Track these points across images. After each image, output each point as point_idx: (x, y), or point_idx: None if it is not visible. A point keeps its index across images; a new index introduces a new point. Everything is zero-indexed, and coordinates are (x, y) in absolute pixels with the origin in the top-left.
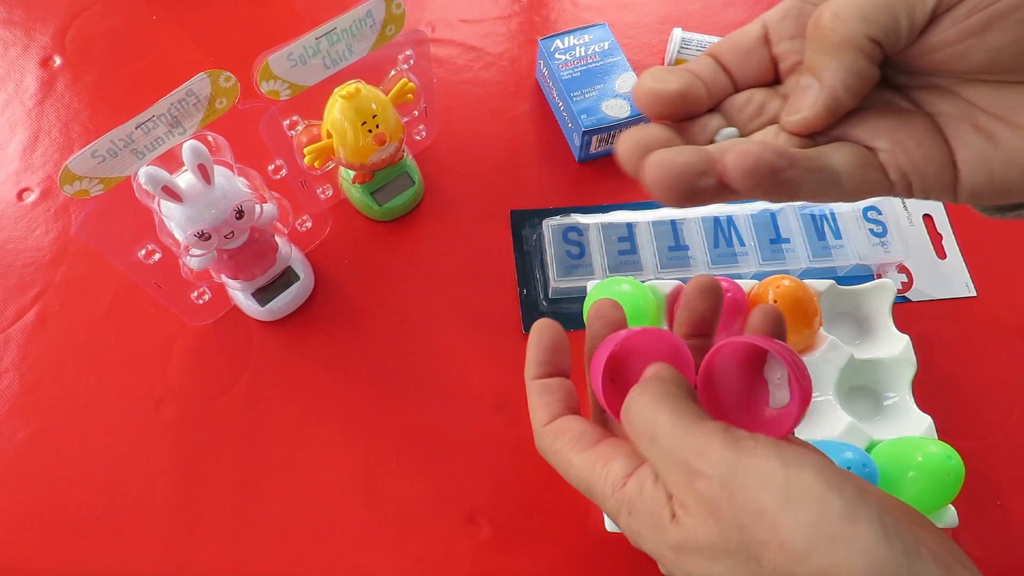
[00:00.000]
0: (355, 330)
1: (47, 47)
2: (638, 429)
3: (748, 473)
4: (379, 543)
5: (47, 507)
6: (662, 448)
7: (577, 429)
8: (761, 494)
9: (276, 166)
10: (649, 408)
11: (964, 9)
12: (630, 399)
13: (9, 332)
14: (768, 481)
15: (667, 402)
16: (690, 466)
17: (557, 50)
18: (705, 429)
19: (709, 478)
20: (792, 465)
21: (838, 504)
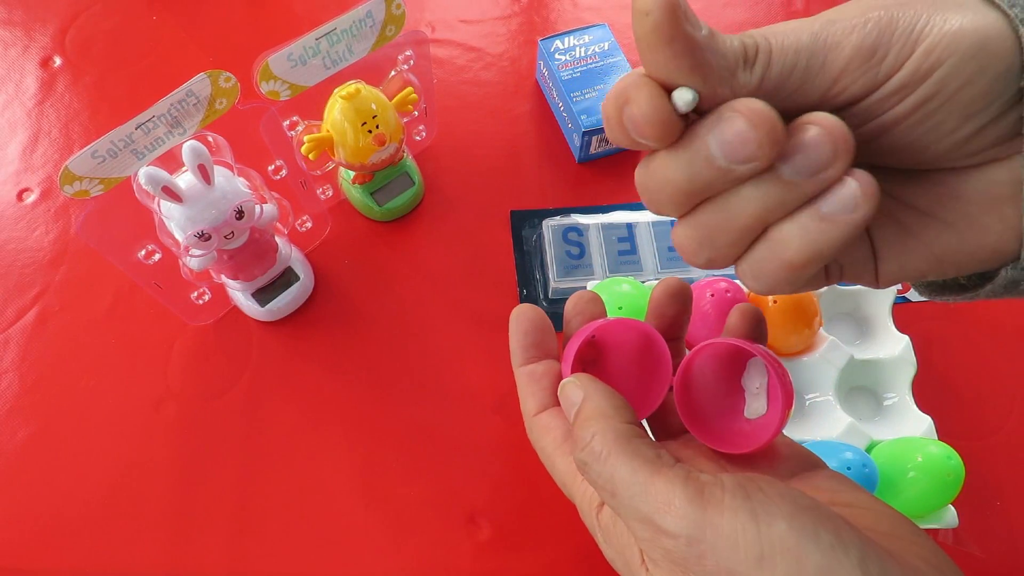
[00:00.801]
0: (355, 330)
1: (47, 47)
2: (597, 484)
3: (716, 531)
4: (379, 543)
5: (47, 507)
6: (623, 503)
7: (563, 428)
8: (731, 554)
9: (276, 166)
10: (602, 462)
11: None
12: (581, 455)
13: (9, 332)
14: (738, 539)
15: (619, 449)
16: (654, 523)
17: (557, 50)
18: (665, 480)
19: (675, 537)
20: (762, 517)
21: (815, 557)
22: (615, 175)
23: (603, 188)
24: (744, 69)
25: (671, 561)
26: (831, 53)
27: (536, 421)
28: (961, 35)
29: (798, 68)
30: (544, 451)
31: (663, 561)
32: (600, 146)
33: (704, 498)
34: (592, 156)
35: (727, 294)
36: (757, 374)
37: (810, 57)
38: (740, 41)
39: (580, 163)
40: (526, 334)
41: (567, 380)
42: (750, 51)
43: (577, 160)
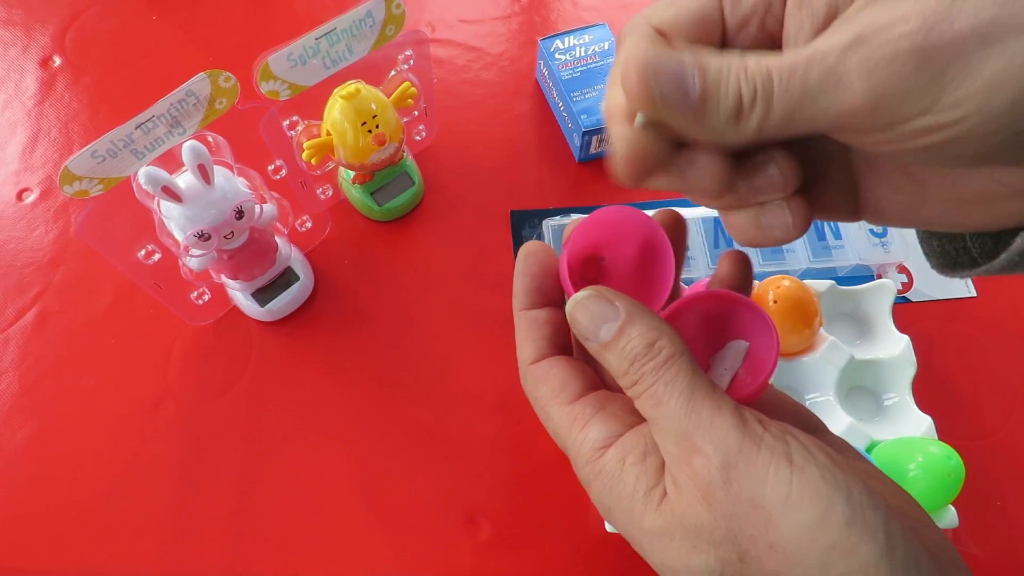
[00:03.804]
0: (355, 330)
1: (47, 47)
2: (646, 391)
3: (750, 461)
4: (379, 543)
5: (47, 507)
6: (666, 415)
7: (560, 377)
8: (760, 486)
9: (276, 166)
10: (663, 369)
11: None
12: (643, 362)
13: (9, 332)
14: (770, 474)
15: (682, 362)
16: (691, 440)
17: (557, 50)
18: (715, 403)
19: (708, 458)
20: (797, 461)
21: (842, 509)
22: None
23: (603, 188)
24: (737, 122)
25: (697, 485)
26: (843, 96)
27: (532, 369)
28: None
29: (802, 113)
30: (539, 400)
31: (688, 485)
32: (600, 146)
33: (747, 428)
34: (592, 156)
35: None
36: (731, 357)
37: (817, 98)
38: (739, 88)
39: (580, 163)
40: (534, 277)
41: (588, 295)
42: (747, 100)
43: (577, 160)
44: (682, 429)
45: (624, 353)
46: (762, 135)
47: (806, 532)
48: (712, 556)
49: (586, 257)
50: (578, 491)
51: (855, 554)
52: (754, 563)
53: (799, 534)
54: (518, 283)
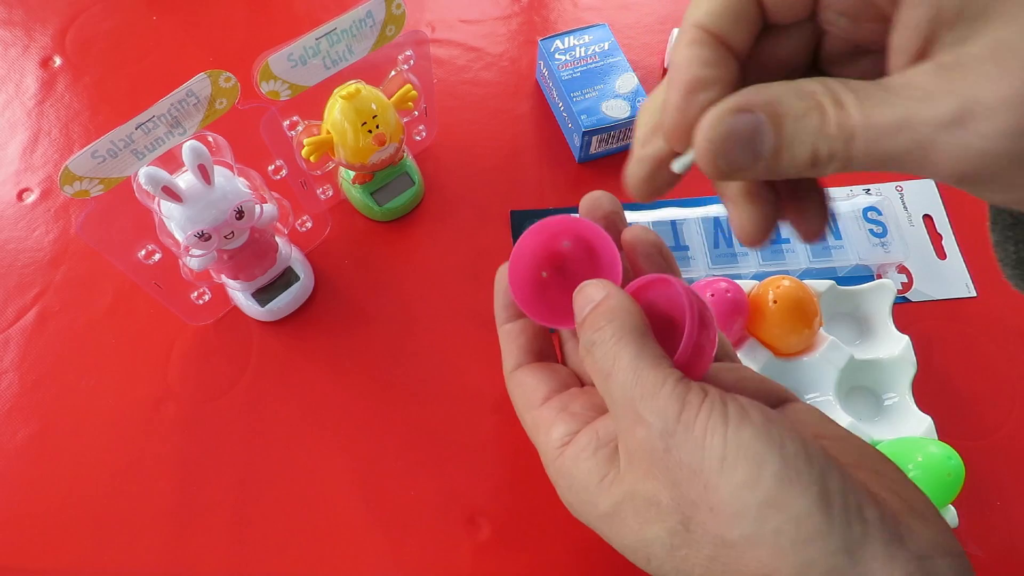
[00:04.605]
0: (355, 330)
1: (47, 47)
2: (597, 364)
3: (688, 427)
4: (379, 543)
5: (47, 507)
6: (614, 384)
7: (530, 383)
8: (697, 451)
9: (276, 166)
10: (610, 344)
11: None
12: (592, 336)
13: (9, 332)
14: (707, 439)
15: (631, 339)
16: (636, 410)
17: (557, 50)
18: (659, 373)
19: (649, 426)
20: (733, 422)
21: (774, 465)
22: (615, 175)
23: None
24: (804, 172)
25: (641, 455)
26: (927, 169)
27: (512, 377)
28: None
29: (878, 168)
30: (516, 405)
31: (638, 453)
32: (600, 146)
33: (687, 398)
34: (592, 156)
35: (727, 294)
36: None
37: (901, 163)
38: (814, 147)
39: (580, 163)
40: (507, 293)
41: (589, 282)
42: (823, 158)
43: (577, 160)
44: (627, 399)
45: (587, 327)
46: (828, 175)
47: (740, 491)
48: (660, 527)
49: (535, 264)
50: None
51: (787, 507)
52: (698, 529)
53: (734, 494)
54: (496, 301)
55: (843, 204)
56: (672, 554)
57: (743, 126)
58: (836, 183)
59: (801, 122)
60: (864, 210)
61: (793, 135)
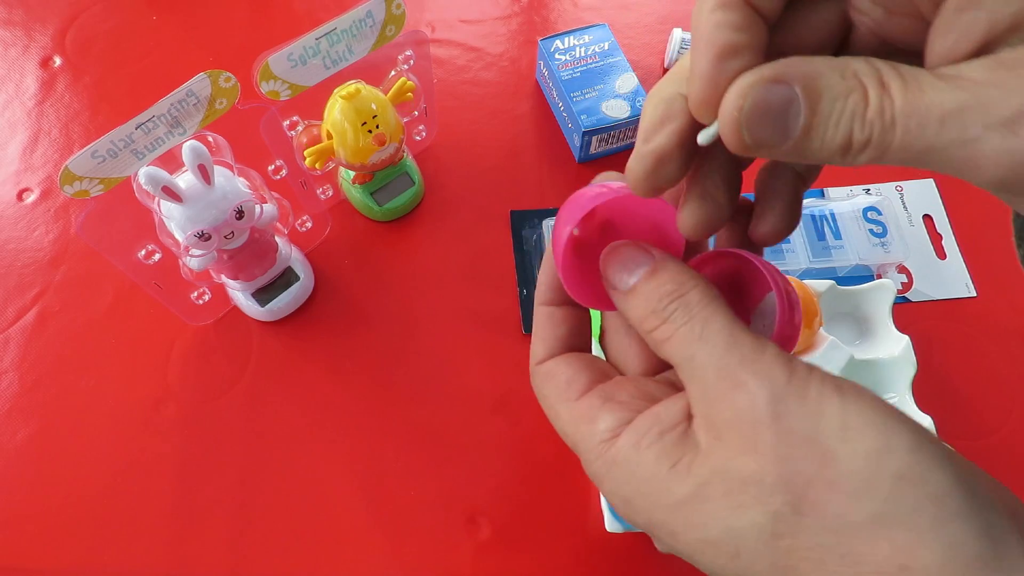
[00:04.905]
0: (355, 330)
1: (47, 47)
2: (678, 331)
3: (801, 394)
4: (379, 543)
5: (47, 507)
6: (705, 351)
7: (566, 374)
8: (813, 419)
9: (276, 166)
10: (699, 308)
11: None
12: (672, 302)
13: (9, 332)
14: (823, 406)
15: (720, 304)
16: (734, 375)
17: (557, 50)
18: (758, 340)
19: (753, 392)
20: (849, 391)
21: (907, 436)
22: None
23: None
24: (834, 159)
25: (739, 426)
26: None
27: (541, 368)
28: None
29: (912, 162)
30: (547, 400)
31: (735, 426)
32: (600, 146)
33: (793, 365)
34: (592, 156)
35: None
36: (771, 310)
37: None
38: (850, 130)
39: (580, 163)
40: (554, 272)
41: (624, 243)
42: (857, 144)
43: (577, 160)
44: (723, 365)
45: (654, 292)
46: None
47: (869, 461)
48: (760, 512)
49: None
50: (578, 491)
51: (926, 483)
52: (812, 512)
53: (861, 465)
54: (542, 276)
55: (843, 204)
56: (772, 544)
57: (776, 98)
58: (836, 183)
59: (839, 102)
60: (864, 210)
61: (828, 116)
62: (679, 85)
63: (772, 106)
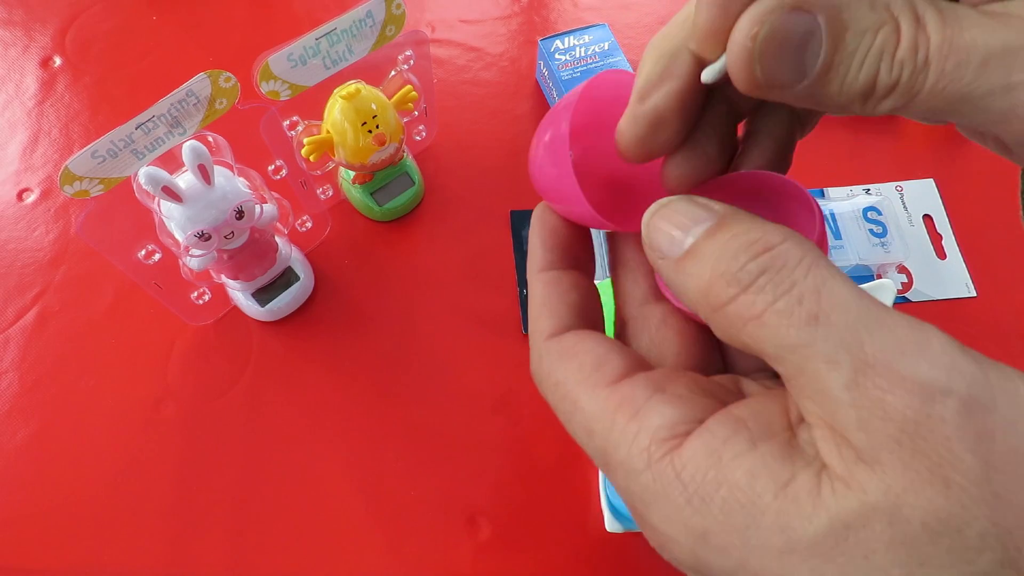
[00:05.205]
0: (355, 330)
1: (47, 47)
2: (782, 301)
3: (1014, 398)
4: (379, 543)
5: (47, 507)
6: (839, 329)
7: (595, 353)
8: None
9: (276, 166)
10: (802, 268)
11: None
12: (760, 261)
13: (9, 332)
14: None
15: (831, 266)
16: (891, 371)
17: (557, 50)
18: (911, 319)
19: (933, 397)
20: None
21: None
22: None
23: None
24: (853, 104)
25: (910, 447)
26: (1011, 123)
27: (552, 345)
28: None
29: (943, 114)
30: (562, 385)
31: (890, 450)
32: None
33: (977, 356)
34: None
35: None
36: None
37: (976, 109)
38: (875, 71)
39: None
40: (555, 232)
41: (673, 198)
42: (883, 87)
43: None
44: (864, 355)
45: (726, 248)
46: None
47: None
48: (957, 574)
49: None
50: (578, 491)
51: None
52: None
53: None
54: (536, 238)
55: (843, 204)
56: None
57: (796, 28)
58: (836, 183)
59: (867, 37)
60: (864, 210)
61: (853, 53)
62: (684, 36)
63: (791, 37)
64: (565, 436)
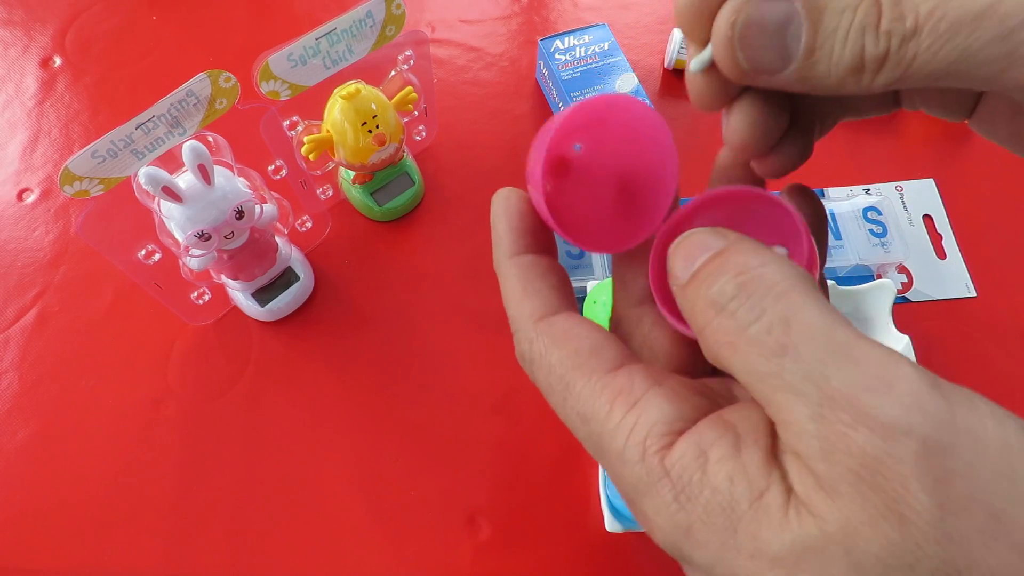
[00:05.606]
0: (355, 330)
1: (47, 47)
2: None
3: (976, 439)
4: (379, 543)
5: (47, 507)
6: (804, 361)
7: (591, 339)
8: (1001, 482)
9: (276, 166)
10: (778, 296)
11: None
12: (739, 278)
13: (9, 332)
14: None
15: (804, 288)
16: (854, 406)
17: (557, 50)
18: (873, 345)
19: (893, 435)
20: (1008, 422)
21: None
22: None
23: None
24: (848, 81)
25: (869, 482)
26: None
27: (544, 327)
28: None
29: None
30: (555, 369)
31: (849, 484)
32: None
33: (945, 388)
34: None
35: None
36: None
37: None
38: (861, 45)
39: None
40: (522, 216)
41: (700, 230)
42: (871, 60)
43: None
44: (828, 389)
45: (712, 274)
46: (875, 91)
47: None
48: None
49: (558, 156)
50: (578, 491)
51: None
52: None
53: None
54: (502, 224)
55: (843, 204)
56: None
57: (773, 14)
58: (836, 183)
59: (847, 15)
60: (864, 210)
61: (834, 31)
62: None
63: (768, 23)
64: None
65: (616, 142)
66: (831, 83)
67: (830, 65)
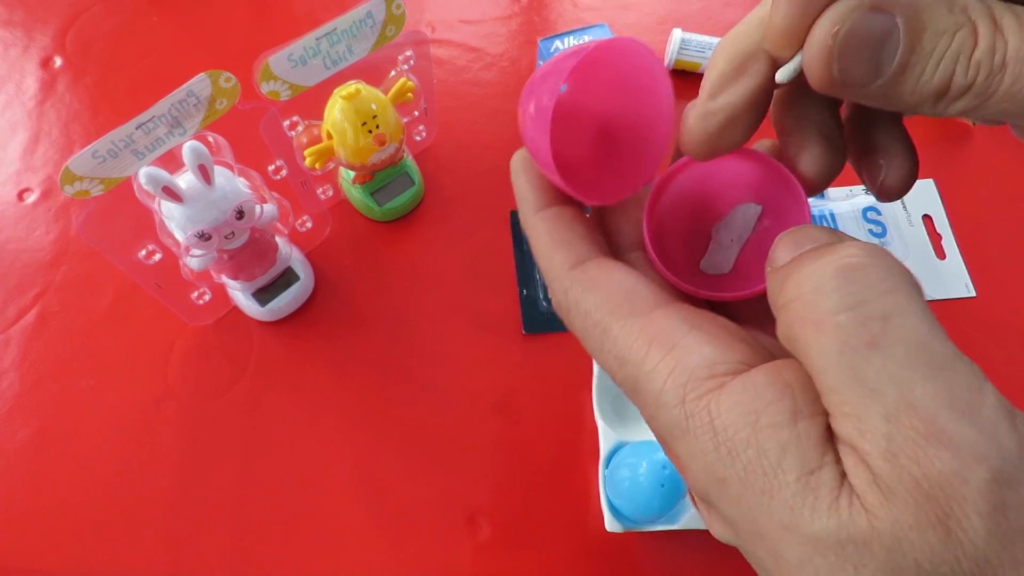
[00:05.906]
0: (355, 330)
1: (47, 48)
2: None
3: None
4: (379, 543)
5: (47, 507)
6: (893, 359)
7: (625, 283)
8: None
9: (276, 166)
10: (883, 292)
11: None
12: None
13: (9, 332)
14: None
15: (913, 294)
16: (935, 427)
17: (557, 51)
18: (968, 367)
19: (967, 464)
20: None
21: None
22: None
23: None
24: (926, 105)
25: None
26: None
27: (578, 274)
28: None
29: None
30: (590, 315)
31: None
32: None
33: (1018, 418)
34: None
35: None
36: (740, 224)
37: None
38: (951, 71)
39: None
40: (542, 175)
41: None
42: (957, 88)
43: None
44: (911, 403)
45: (812, 262)
46: (944, 116)
47: None
48: None
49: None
50: (578, 491)
51: None
52: None
53: None
54: (525, 183)
55: (843, 204)
56: None
57: (875, 28)
58: (836, 182)
59: (944, 39)
60: (864, 210)
61: (929, 53)
62: (757, 37)
63: (870, 36)
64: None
65: (607, 89)
66: (910, 102)
67: (916, 86)
